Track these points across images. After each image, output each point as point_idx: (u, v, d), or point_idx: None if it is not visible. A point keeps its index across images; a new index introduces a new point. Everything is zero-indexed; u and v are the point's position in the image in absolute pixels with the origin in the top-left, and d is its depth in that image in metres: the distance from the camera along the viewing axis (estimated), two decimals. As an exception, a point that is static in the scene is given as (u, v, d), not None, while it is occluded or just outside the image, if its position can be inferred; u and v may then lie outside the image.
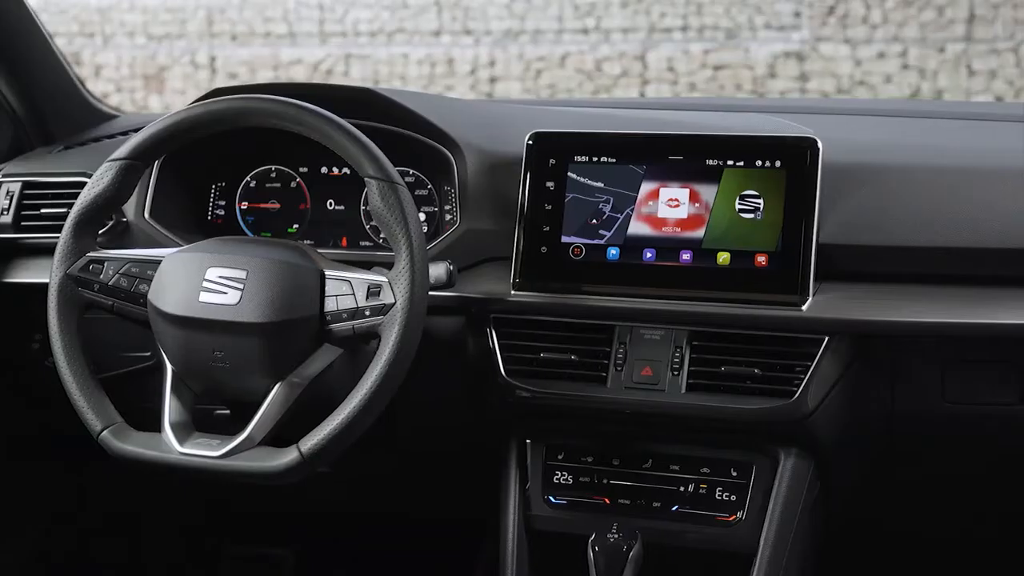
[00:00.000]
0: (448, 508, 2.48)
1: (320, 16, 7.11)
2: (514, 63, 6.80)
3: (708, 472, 1.92)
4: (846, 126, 2.12)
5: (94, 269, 1.90)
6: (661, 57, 6.60)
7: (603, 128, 2.02)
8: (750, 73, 6.49)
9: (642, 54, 6.60)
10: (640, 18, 6.85)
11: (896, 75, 6.38)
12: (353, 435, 1.76)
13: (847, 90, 6.43)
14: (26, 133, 2.36)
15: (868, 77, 6.39)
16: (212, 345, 1.83)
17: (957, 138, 2.09)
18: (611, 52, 6.64)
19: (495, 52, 6.76)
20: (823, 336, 1.82)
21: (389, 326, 1.76)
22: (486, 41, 6.88)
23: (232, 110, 1.89)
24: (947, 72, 6.32)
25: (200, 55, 6.98)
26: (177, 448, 1.81)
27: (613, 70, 6.60)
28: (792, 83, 6.47)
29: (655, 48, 6.55)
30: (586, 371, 1.91)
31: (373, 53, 6.95)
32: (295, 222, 2.21)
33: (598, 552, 1.81)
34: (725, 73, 6.53)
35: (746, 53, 6.49)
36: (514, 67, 6.80)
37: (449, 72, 6.85)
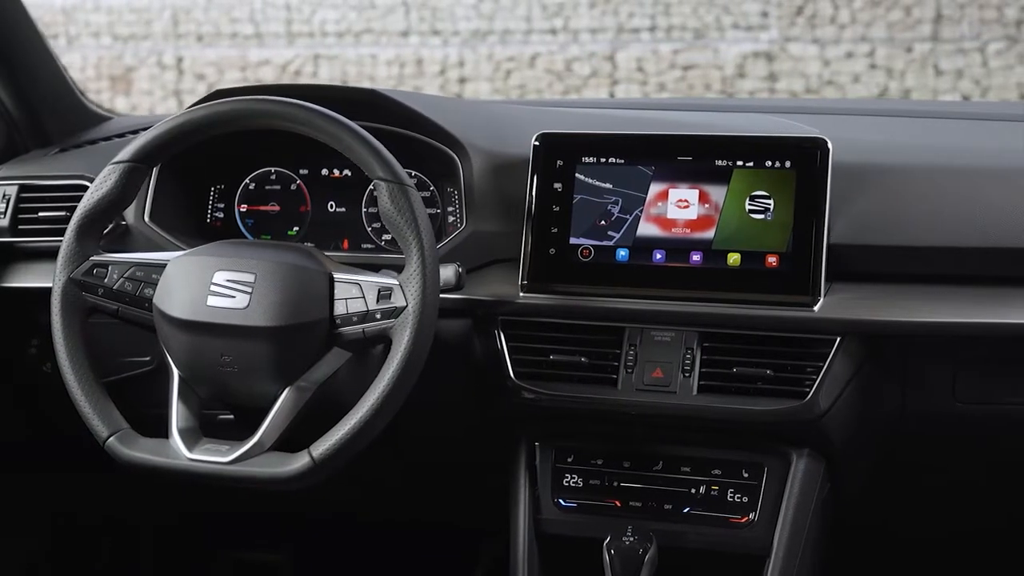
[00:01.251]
0: (449, 512, 2.46)
1: (287, 17, 7.06)
2: (484, 64, 6.78)
3: (719, 474, 1.92)
4: (852, 126, 2.12)
5: (98, 273, 1.88)
6: (630, 57, 6.60)
7: (608, 129, 2.01)
8: (719, 73, 6.50)
9: (611, 54, 6.60)
10: (608, 18, 6.84)
11: (864, 75, 6.40)
12: (365, 440, 1.74)
13: (815, 90, 6.45)
14: (20, 135, 2.32)
15: (837, 77, 6.42)
16: (220, 350, 1.81)
17: (964, 138, 2.09)
18: (581, 52, 6.64)
19: (464, 52, 6.74)
20: (835, 336, 1.82)
21: (401, 329, 1.74)
22: (454, 42, 6.85)
23: (239, 112, 1.86)
24: (914, 72, 6.35)
25: (167, 56, 6.93)
26: (186, 454, 1.79)
27: (583, 70, 6.60)
28: (761, 83, 6.49)
29: (624, 48, 6.55)
30: (596, 373, 1.90)
31: (342, 54, 6.92)
32: (295, 224, 2.19)
33: (614, 555, 1.81)
34: (695, 73, 6.53)
35: (715, 53, 6.50)
36: (484, 67, 6.78)
37: (418, 72, 6.83)
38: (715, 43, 6.57)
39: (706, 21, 6.75)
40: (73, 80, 2.44)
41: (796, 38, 6.50)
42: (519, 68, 6.77)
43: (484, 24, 6.98)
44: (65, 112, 2.40)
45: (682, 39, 6.69)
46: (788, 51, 6.51)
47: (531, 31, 6.94)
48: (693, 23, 6.78)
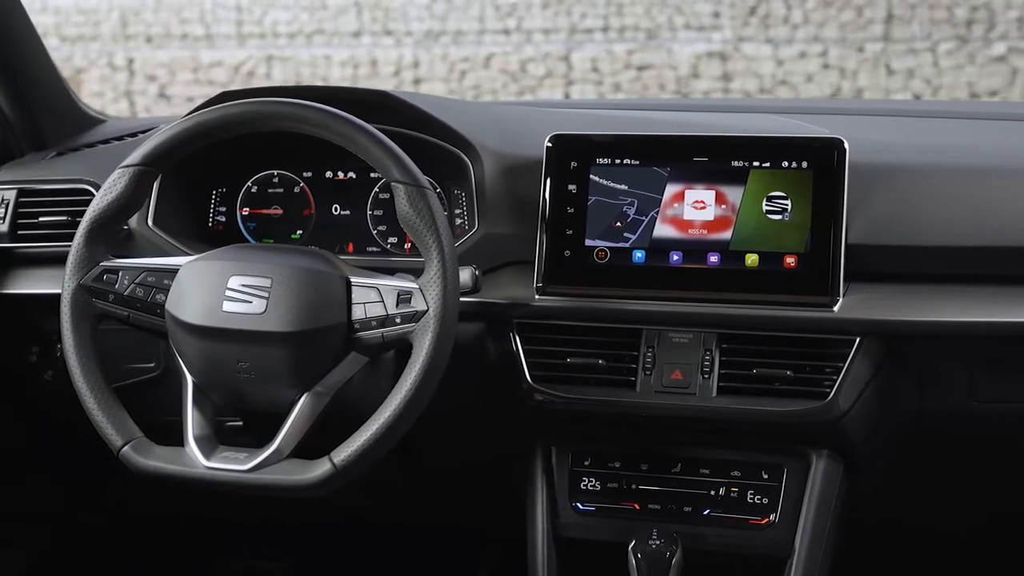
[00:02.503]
0: (460, 517, 2.44)
1: (238, 18, 6.99)
2: (438, 64, 6.75)
3: (739, 475, 1.91)
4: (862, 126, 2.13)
5: (108, 279, 1.84)
6: (585, 58, 6.60)
7: (619, 130, 2.00)
8: (673, 73, 6.52)
9: (566, 55, 6.60)
10: (561, 19, 6.83)
11: (817, 74, 6.45)
12: (387, 445, 1.72)
13: (769, 90, 6.49)
14: (15, 138, 2.27)
15: (790, 77, 6.46)
16: (236, 356, 1.79)
17: (977, 137, 2.10)
18: (535, 53, 6.62)
19: (419, 53, 6.71)
20: (855, 337, 1.82)
21: (422, 333, 1.72)
22: (407, 42, 6.82)
23: (252, 114, 1.84)
24: (867, 71, 6.40)
25: (118, 57, 6.84)
26: (203, 462, 1.76)
27: (538, 71, 6.59)
28: (715, 83, 6.51)
29: (579, 49, 6.55)
30: (614, 376, 1.89)
31: (295, 55, 6.86)
32: (299, 228, 2.17)
33: (640, 559, 1.80)
34: (649, 73, 6.55)
35: (669, 54, 6.51)
36: (438, 68, 6.75)
37: (373, 73, 6.78)
38: (669, 43, 6.58)
39: (658, 21, 6.76)
40: (67, 82, 2.40)
41: (750, 38, 6.53)
42: (474, 69, 6.75)
43: (437, 25, 6.95)
44: (61, 115, 2.35)
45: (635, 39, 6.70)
46: (742, 51, 6.54)
47: (484, 31, 6.92)
48: (646, 23, 6.78)
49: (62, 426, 2.26)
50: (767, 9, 6.55)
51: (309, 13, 7.01)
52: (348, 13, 7.03)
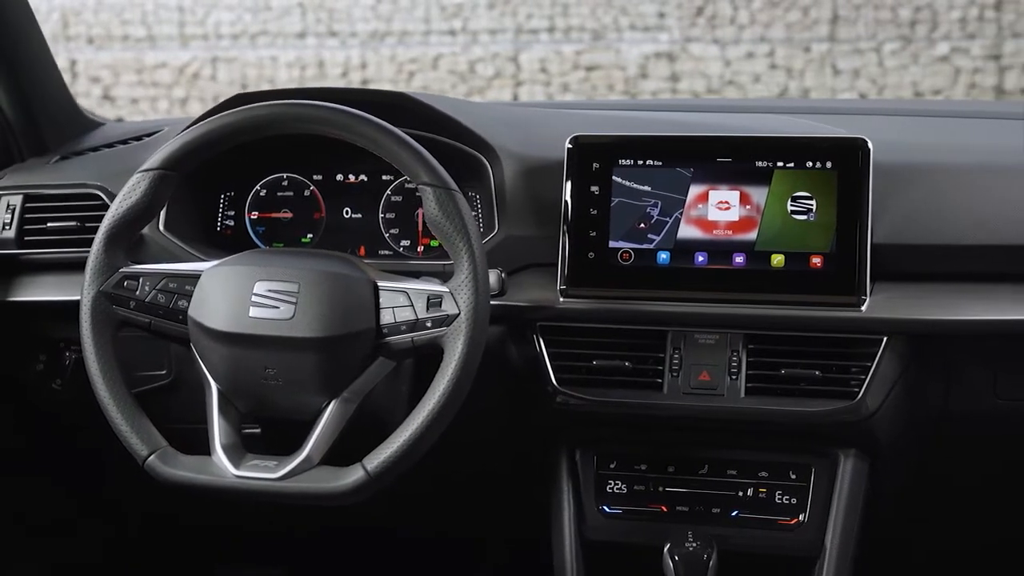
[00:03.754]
0: (478, 524, 2.42)
1: (180, 19, 6.91)
2: (386, 65, 6.71)
3: (766, 476, 1.91)
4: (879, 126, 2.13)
5: (129, 285, 1.81)
6: (534, 58, 6.59)
7: (637, 131, 2.00)
8: (622, 74, 6.54)
9: (515, 55, 6.59)
10: (507, 19, 6.82)
11: (764, 75, 6.49)
12: (420, 451, 1.70)
13: (717, 90, 6.52)
14: (16, 141, 2.22)
15: (737, 77, 6.49)
16: (264, 362, 1.76)
17: (996, 136, 2.12)
18: (484, 54, 6.61)
19: (366, 54, 6.66)
20: (882, 336, 1.83)
21: (454, 337, 1.71)
22: (352, 43, 6.77)
23: (276, 116, 1.81)
24: (813, 71, 6.46)
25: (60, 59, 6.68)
26: (232, 471, 1.73)
27: (486, 71, 6.57)
28: (664, 83, 6.53)
29: (528, 49, 6.54)
30: (641, 378, 1.89)
31: (241, 56, 6.79)
32: (309, 231, 2.14)
33: (678, 561, 1.79)
34: (598, 74, 6.56)
35: (617, 54, 6.52)
36: (386, 69, 6.71)
37: (320, 75, 6.73)
38: (617, 44, 6.59)
39: (604, 22, 6.77)
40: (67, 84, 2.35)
41: (697, 39, 6.56)
42: (422, 70, 6.72)
43: (382, 25, 6.91)
44: (62, 118, 2.31)
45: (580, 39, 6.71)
46: (689, 51, 6.57)
47: (430, 32, 6.89)
48: (591, 24, 6.79)
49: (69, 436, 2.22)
50: (714, 10, 6.59)
51: (253, 14, 6.94)
52: (292, 14, 6.97)
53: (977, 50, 6.31)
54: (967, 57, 6.34)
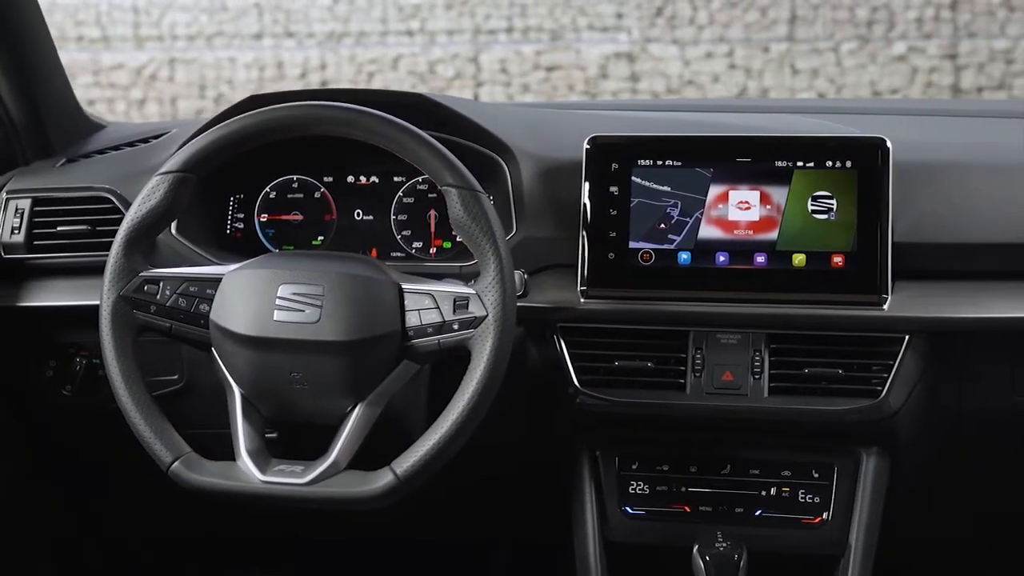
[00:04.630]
0: (486, 527, 2.41)
1: (135, 19, 6.83)
2: (346, 66, 6.67)
3: (789, 475, 1.92)
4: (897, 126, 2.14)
5: (149, 289, 1.78)
6: (494, 59, 6.59)
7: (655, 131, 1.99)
8: (582, 74, 6.54)
9: (475, 56, 6.58)
10: (465, 20, 6.81)
11: (724, 75, 6.52)
12: (449, 454, 1.70)
13: (677, 90, 6.54)
14: (20, 144, 2.18)
15: (697, 77, 6.52)
16: (289, 366, 1.74)
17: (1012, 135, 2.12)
18: (444, 54, 6.59)
19: (326, 55, 6.62)
20: (904, 335, 1.84)
21: (481, 339, 1.70)
22: (309, 44, 6.73)
23: (297, 118, 1.79)
24: (772, 71, 6.50)
25: (14, 60, 6.61)
26: (259, 477, 1.72)
27: (447, 72, 6.56)
28: (624, 83, 6.55)
29: (488, 50, 6.53)
30: (664, 378, 1.88)
31: (199, 57, 6.73)
32: (320, 234, 2.12)
33: (709, 561, 1.79)
34: (558, 74, 6.56)
35: (577, 55, 6.53)
36: (346, 70, 6.67)
37: (279, 76, 6.68)
38: (577, 44, 6.60)
39: (562, 23, 6.78)
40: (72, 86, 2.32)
41: (656, 39, 6.58)
42: (382, 70, 6.69)
43: (339, 26, 6.87)
44: (67, 120, 2.27)
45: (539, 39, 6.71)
46: (649, 52, 6.59)
47: (387, 33, 6.86)
48: (549, 24, 6.79)
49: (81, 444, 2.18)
50: (673, 10, 6.61)
51: (209, 15, 6.88)
52: (249, 15, 6.91)
53: (933, 50, 6.38)
54: (924, 57, 6.40)
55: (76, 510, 2.39)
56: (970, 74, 6.41)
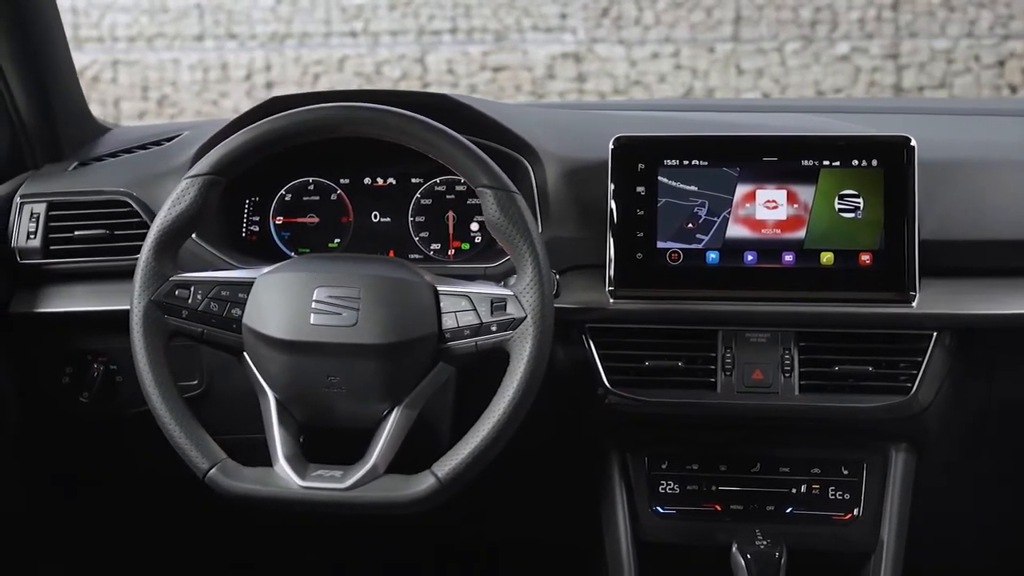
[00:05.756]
0: (505, 529, 2.39)
1: (74, 20, 6.72)
2: (291, 67, 6.62)
3: (819, 472, 1.93)
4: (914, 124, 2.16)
5: (180, 294, 1.76)
6: (440, 60, 6.57)
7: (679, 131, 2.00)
8: (529, 75, 6.54)
9: (421, 56, 6.55)
10: (409, 20, 6.78)
11: (670, 75, 6.55)
12: (490, 457, 1.69)
13: (623, 90, 6.56)
14: (31, 147, 2.13)
15: (643, 77, 6.55)
16: (326, 370, 1.73)
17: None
18: (390, 55, 6.56)
19: (271, 56, 6.57)
20: (932, 331, 1.85)
21: (521, 341, 1.69)
22: (252, 45, 6.67)
23: (328, 119, 1.78)
24: (718, 71, 6.54)
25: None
26: (298, 482, 1.70)
27: (393, 73, 6.53)
28: (570, 84, 6.56)
29: (434, 51, 6.51)
30: (694, 377, 1.89)
31: (142, 59, 6.64)
32: (337, 236, 2.10)
33: (751, 559, 1.79)
34: (505, 75, 6.55)
35: (524, 55, 6.53)
36: (291, 71, 6.62)
37: (224, 77, 6.61)
38: (524, 45, 6.60)
39: (507, 23, 6.78)
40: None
41: (603, 39, 6.60)
42: (328, 72, 6.65)
43: (282, 27, 6.82)
44: (77, 124, 2.22)
45: (484, 40, 6.70)
46: (596, 52, 6.60)
47: (331, 34, 6.82)
48: (494, 25, 6.79)
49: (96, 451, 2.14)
50: (619, 11, 6.63)
51: (149, 16, 6.79)
52: (190, 16, 6.84)
53: (876, 49, 6.46)
54: (866, 56, 6.48)
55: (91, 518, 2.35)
56: (912, 73, 6.49)
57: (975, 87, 6.43)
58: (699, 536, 1.91)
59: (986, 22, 6.31)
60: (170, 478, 1.90)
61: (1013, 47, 6.27)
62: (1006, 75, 6.35)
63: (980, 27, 6.33)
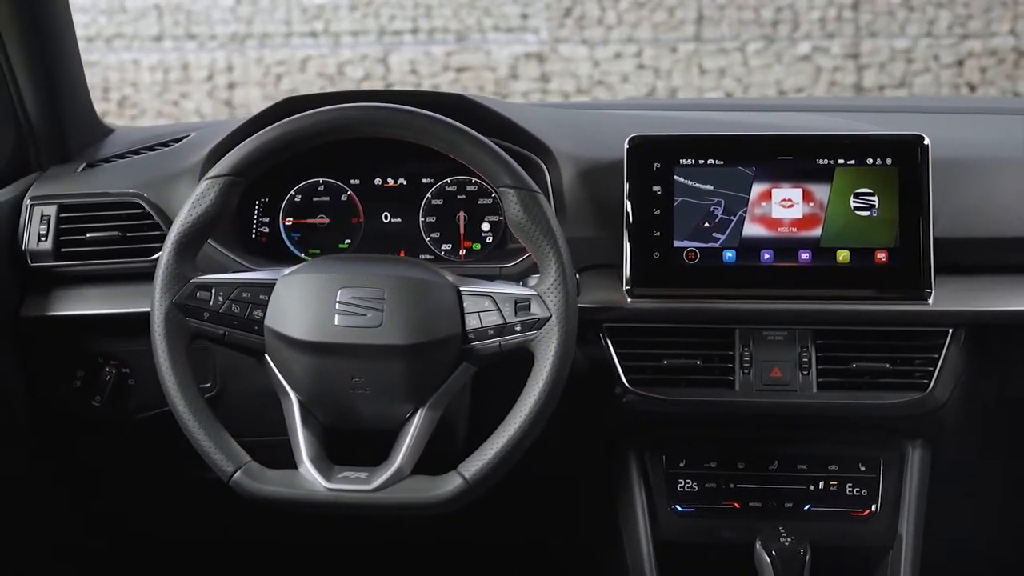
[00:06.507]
0: (518, 530, 2.39)
1: (31, 21, 6.63)
2: (252, 67, 6.58)
3: (836, 469, 1.95)
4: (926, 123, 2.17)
5: (201, 296, 1.74)
6: (403, 60, 6.55)
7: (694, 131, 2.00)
8: (493, 75, 6.54)
9: (384, 57, 6.53)
10: (370, 21, 6.76)
11: (633, 75, 6.57)
12: (516, 457, 1.69)
13: (587, 90, 6.58)
14: (37, 149, 2.10)
15: (607, 77, 6.56)
16: (351, 371, 1.72)
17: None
18: (353, 55, 6.54)
19: (232, 57, 6.52)
20: (948, 328, 1.87)
21: (545, 341, 1.69)
22: (211, 45, 6.62)
23: (350, 119, 1.77)
24: (680, 71, 6.57)
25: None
26: (324, 484, 1.69)
27: (355, 73, 6.50)
28: (534, 84, 6.56)
29: (397, 51, 6.50)
30: (713, 376, 1.89)
31: (102, 59, 6.57)
32: (347, 237, 2.09)
33: (775, 556, 1.80)
34: (468, 75, 6.55)
35: (487, 55, 6.53)
36: (253, 71, 6.58)
37: (185, 78, 6.56)
38: (487, 45, 6.59)
39: (468, 23, 6.77)
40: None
41: (566, 39, 6.60)
42: (290, 72, 6.61)
43: (242, 28, 6.77)
44: (84, 125, 2.19)
45: (445, 41, 6.69)
46: (559, 52, 6.61)
47: (291, 34, 6.78)
48: (455, 25, 6.78)
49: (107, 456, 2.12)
50: (582, 11, 6.64)
51: (108, 16, 6.73)
52: (148, 17, 6.78)
53: (837, 49, 6.50)
54: (827, 56, 6.52)
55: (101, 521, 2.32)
56: (872, 73, 6.55)
57: (934, 86, 6.48)
58: (718, 534, 1.91)
59: (945, 22, 6.37)
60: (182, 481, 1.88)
61: (971, 46, 6.33)
62: (965, 74, 6.41)
63: (939, 27, 6.39)
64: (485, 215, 2.07)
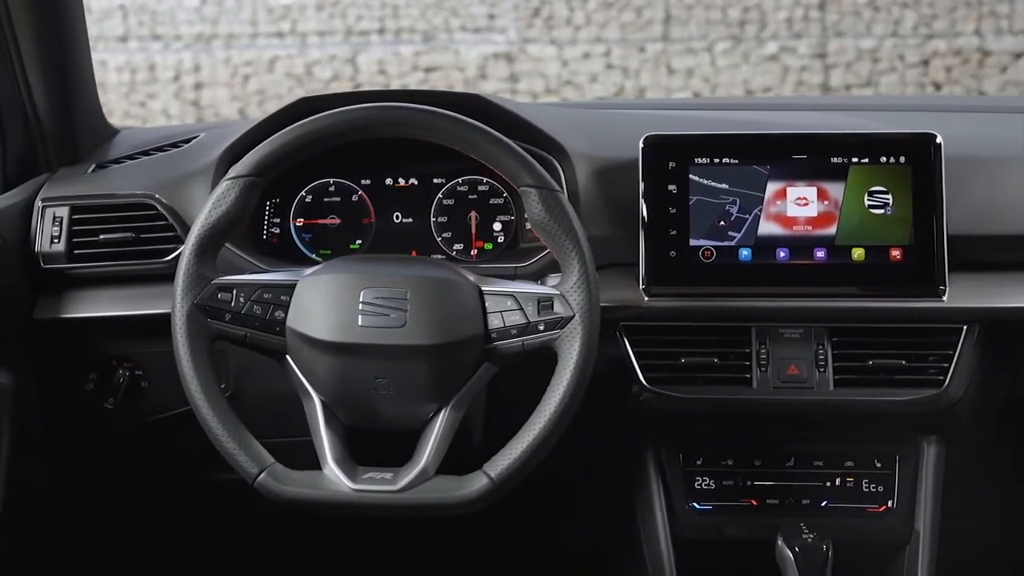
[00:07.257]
0: (525, 530, 2.39)
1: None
2: (220, 68, 6.54)
3: (852, 465, 1.96)
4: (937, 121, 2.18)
5: (223, 297, 1.73)
6: (372, 60, 6.53)
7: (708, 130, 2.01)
8: (461, 75, 6.54)
9: (352, 57, 6.51)
10: (336, 21, 6.74)
11: (601, 75, 6.59)
12: (540, 456, 1.69)
13: (556, 90, 6.59)
14: (46, 150, 2.07)
15: (575, 77, 6.57)
16: (375, 372, 1.72)
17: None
18: (321, 55, 6.51)
19: (200, 57, 6.48)
20: (962, 325, 1.89)
21: (569, 340, 1.69)
22: (177, 46, 6.58)
23: (370, 119, 1.76)
24: (648, 71, 6.59)
25: None
26: (349, 485, 1.68)
27: (324, 74, 6.48)
28: (503, 84, 6.56)
29: (365, 51, 6.48)
30: (729, 373, 1.90)
31: (68, 60, 6.50)
32: (358, 237, 2.08)
33: (799, 552, 1.81)
34: (437, 75, 6.54)
35: (456, 55, 6.52)
36: (220, 72, 6.54)
37: (151, 79, 6.51)
38: (456, 45, 6.59)
39: (435, 23, 6.76)
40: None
41: (534, 39, 6.61)
42: (258, 73, 6.58)
43: (208, 28, 6.74)
44: (92, 126, 2.17)
45: (412, 41, 6.68)
46: (528, 52, 6.62)
47: (257, 35, 6.75)
48: (422, 25, 6.77)
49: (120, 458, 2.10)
50: (550, 11, 6.65)
51: (72, 16, 6.65)
52: (113, 17, 6.73)
53: (804, 49, 6.54)
54: (795, 56, 6.56)
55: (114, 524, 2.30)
56: (839, 73, 6.59)
57: (900, 85, 6.54)
58: (737, 531, 1.93)
59: (910, 22, 6.42)
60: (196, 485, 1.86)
61: (936, 46, 6.38)
62: (930, 73, 6.47)
63: (904, 27, 6.44)
64: (497, 215, 2.06)
